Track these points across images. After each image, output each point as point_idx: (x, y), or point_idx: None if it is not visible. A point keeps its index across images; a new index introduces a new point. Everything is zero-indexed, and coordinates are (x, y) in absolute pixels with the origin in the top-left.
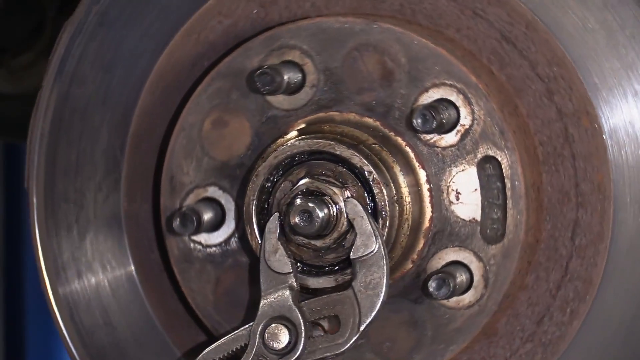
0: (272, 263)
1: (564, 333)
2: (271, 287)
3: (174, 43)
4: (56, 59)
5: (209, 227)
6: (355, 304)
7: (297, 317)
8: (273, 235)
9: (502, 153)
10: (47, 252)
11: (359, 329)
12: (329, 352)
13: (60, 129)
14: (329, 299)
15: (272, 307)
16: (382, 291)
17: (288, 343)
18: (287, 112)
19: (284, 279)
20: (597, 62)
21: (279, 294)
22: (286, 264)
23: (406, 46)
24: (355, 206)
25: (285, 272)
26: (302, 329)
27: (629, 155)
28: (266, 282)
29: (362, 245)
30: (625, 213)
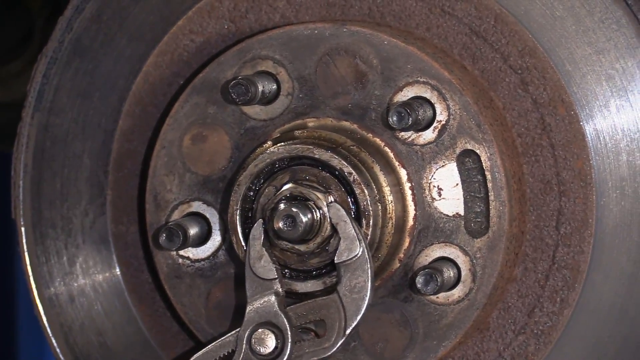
0: (257, 269)
1: (555, 323)
2: (257, 293)
3: (148, 64)
4: (33, 91)
5: (195, 241)
6: (340, 307)
7: (283, 322)
8: (257, 242)
9: (481, 146)
10: (39, 279)
11: (344, 333)
12: (315, 356)
13: (43, 159)
14: (315, 304)
15: (258, 313)
16: (367, 294)
17: (275, 348)
18: (264, 122)
19: (269, 284)
20: (569, 50)
21: (265, 299)
22: (271, 270)
23: (377, 47)
24: (339, 210)
25: (270, 278)
26: (288, 334)
27: (607, 140)
28: (252, 288)
29: (346, 249)
30: (607, 198)
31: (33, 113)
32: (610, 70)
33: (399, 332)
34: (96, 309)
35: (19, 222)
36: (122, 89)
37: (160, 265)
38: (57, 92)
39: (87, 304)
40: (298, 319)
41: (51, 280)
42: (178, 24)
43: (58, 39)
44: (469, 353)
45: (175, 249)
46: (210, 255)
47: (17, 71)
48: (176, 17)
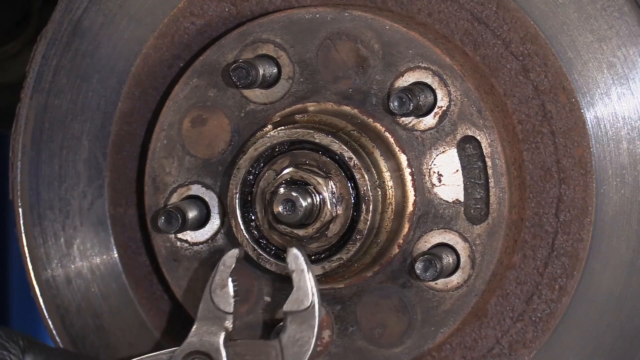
0: (216, 297)
1: (553, 310)
2: (208, 318)
3: (148, 46)
4: (32, 72)
5: (194, 224)
6: (280, 357)
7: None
8: (226, 270)
9: (481, 132)
10: (36, 261)
11: None
12: None
13: (41, 140)
14: (256, 345)
15: (201, 341)
16: (309, 350)
17: None
18: (265, 106)
19: (222, 317)
20: (570, 37)
21: (213, 329)
22: (229, 303)
23: (379, 32)
24: (297, 258)
25: (226, 311)
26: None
27: (608, 128)
28: (204, 311)
29: (297, 300)
30: (607, 186)
31: (32, 94)
32: (612, 58)
33: (397, 318)
34: (93, 291)
35: (16, 204)
36: (122, 71)
37: (159, 248)
38: (56, 73)
39: (84, 286)
40: (235, 358)
41: (48, 262)
42: (178, 6)
43: (58, 20)
44: (467, 340)
45: (173, 232)
46: (208, 238)
47: (14, 53)
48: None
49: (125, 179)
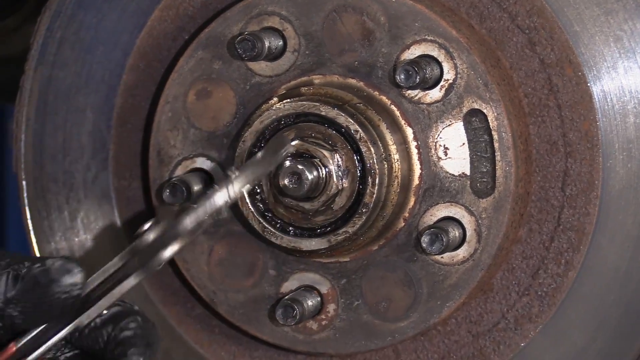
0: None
1: (559, 284)
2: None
3: (153, 19)
4: (37, 44)
5: (199, 196)
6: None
7: None
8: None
9: (488, 105)
10: (39, 234)
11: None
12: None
13: (46, 113)
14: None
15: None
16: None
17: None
18: (270, 79)
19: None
20: (577, 10)
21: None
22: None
23: (385, 5)
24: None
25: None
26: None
27: (615, 101)
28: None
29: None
30: (614, 160)
31: (36, 66)
32: (619, 31)
33: (403, 292)
34: (97, 265)
35: (19, 176)
36: (126, 43)
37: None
38: (60, 46)
39: (87, 259)
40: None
41: (52, 234)
42: None
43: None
44: (472, 314)
45: (178, 205)
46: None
47: (14, 26)
48: None
49: (129, 152)
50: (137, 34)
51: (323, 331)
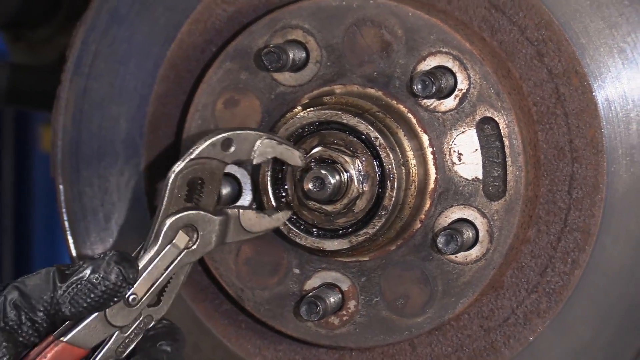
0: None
1: (566, 282)
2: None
3: (182, 32)
4: (72, 57)
5: (227, 200)
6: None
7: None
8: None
9: (499, 114)
10: (76, 235)
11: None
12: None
13: (81, 121)
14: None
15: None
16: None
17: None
18: (294, 88)
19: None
20: (583, 23)
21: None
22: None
23: (402, 18)
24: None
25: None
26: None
27: (618, 109)
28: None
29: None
30: (617, 165)
31: (72, 77)
32: (622, 43)
33: (419, 289)
34: None
35: (57, 180)
36: (157, 55)
37: None
38: (95, 58)
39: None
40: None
41: (87, 235)
42: None
43: (96, 8)
44: (484, 310)
45: None
46: None
47: (45, 37)
48: None
49: (161, 158)
50: (167, 46)
51: (344, 326)
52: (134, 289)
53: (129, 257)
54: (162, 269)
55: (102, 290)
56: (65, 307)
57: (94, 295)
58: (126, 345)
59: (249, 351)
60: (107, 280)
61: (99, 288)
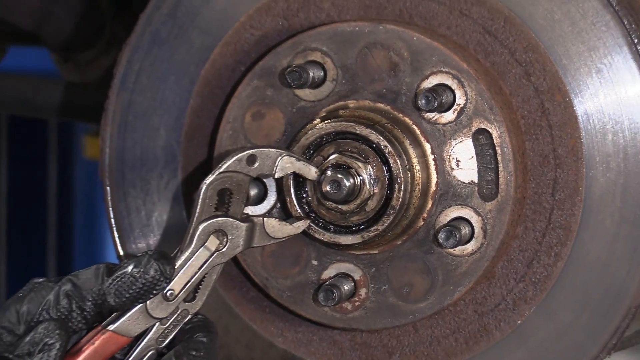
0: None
1: (550, 273)
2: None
3: (215, 53)
4: (119, 74)
5: (255, 201)
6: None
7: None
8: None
9: (492, 125)
10: (121, 230)
11: None
12: None
13: (126, 131)
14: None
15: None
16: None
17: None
18: (313, 103)
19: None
20: (565, 47)
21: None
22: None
23: (408, 42)
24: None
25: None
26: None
27: (596, 122)
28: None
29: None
30: (595, 170)
31: (118, 92)
32: (600, 64)
33: (422, 279)
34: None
35: (104, 182)
36: (193, 73)
37: None
38: (138, 76)
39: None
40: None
41: (131, 231)
42: (240, 20)
43: (139, 32)
44: (478, 297)
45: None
46: (266, 212)
47: (90, 58)
48: (239, 15)
49: (196, 163)
50: (201, 66)
51: (356, 311)
52: (171, 285)
53: (166, 255)
54: (196, 268)
55: (143, 283)
56: (110, 298)
57: (135, 287)
58: (165, 335)
59: (273, 332)
60: (147, 274)
61: (140, 281)
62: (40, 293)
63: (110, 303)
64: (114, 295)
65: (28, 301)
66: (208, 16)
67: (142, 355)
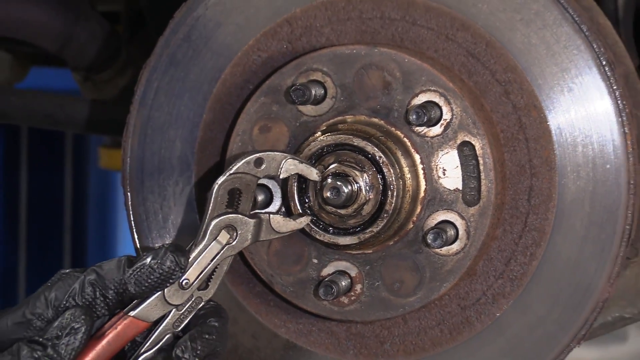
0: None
1: (526, 271)
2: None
3: (226, 73)
4: (139, 92)
5: (261, 205)
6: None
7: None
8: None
9: (475, 138)
10: (140, 232)
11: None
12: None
13: (145, 142)
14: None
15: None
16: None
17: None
18: (314, 118)
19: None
20: (540, 68)
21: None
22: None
23: (400, 63)
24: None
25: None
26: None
27: (567, 135)
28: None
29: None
30: (566, 179)
31: (139, 108)
32: (571, 84)
33: (411, 275)
34: None
35: (125, 189)
36: (206, 91)
37: None
38: (156, 93)
39: None
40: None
41: (149, 232)
42: (249, 43)
43: (158, 54)
44: (461, 292)
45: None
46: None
47: (107, 78)
48: (247, 39)
49: (208, 172)
50: (213, 84)
51: (352, 304)
52: (187, 275)
53: (181, 247)
54: (208, 260)
55: (160, 273)
56: (131, 287)
57: (153, 277)
58: (181, 320)
59: (276, 324)
60: (164, 265)
61: (157, 271)
62: (67, 282)
63: (131, 291)
64: (134, 284)
65: (56, 289)
66: (219, 40)
67: (160, 339)
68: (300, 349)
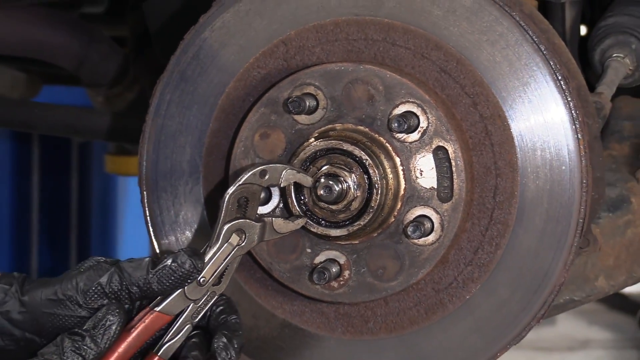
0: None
1: (492, 259)
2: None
3: (229, 87)
4: (153, 104)
5: (262, 202)
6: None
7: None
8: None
9: (448, 143)
10: (155, 226)
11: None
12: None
13: (159, 148)
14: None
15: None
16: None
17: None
18: (307, 126)
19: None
20: (504, 82)
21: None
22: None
23: (382, 78)
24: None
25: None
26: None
27: (528, 141)
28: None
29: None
30: (527, 179)
31: (153, 118)
32: (531, 96)
33: (393, 263)
34: (192, 245)
35: (142, 188)
36: (212, 103)
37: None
38: (169, 105)
39: (186, 240)
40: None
41: (163, 227)
42: (250, 61)
43: (170, 70)
44: (435, 277)
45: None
46: (270, 211)
47: (117, 93)
48: (248, 57)
49: (214, 173)
50: (219, 97)
51: (341, 288)
52: (203, 274)
53: (197, 252)
54: (222, 260)
55: (179, 275)
56: (155, 285)
57: (174, 277)
58: (198, 312)
59: (274, 305)
60: (183, 268)
61: (177, 273)
62: (97, 272)
63: (155, 290)
64: (157, 283)
65: (86, 277)
66: (224, 58)
67: (181, 329)
68: (294, 327)
